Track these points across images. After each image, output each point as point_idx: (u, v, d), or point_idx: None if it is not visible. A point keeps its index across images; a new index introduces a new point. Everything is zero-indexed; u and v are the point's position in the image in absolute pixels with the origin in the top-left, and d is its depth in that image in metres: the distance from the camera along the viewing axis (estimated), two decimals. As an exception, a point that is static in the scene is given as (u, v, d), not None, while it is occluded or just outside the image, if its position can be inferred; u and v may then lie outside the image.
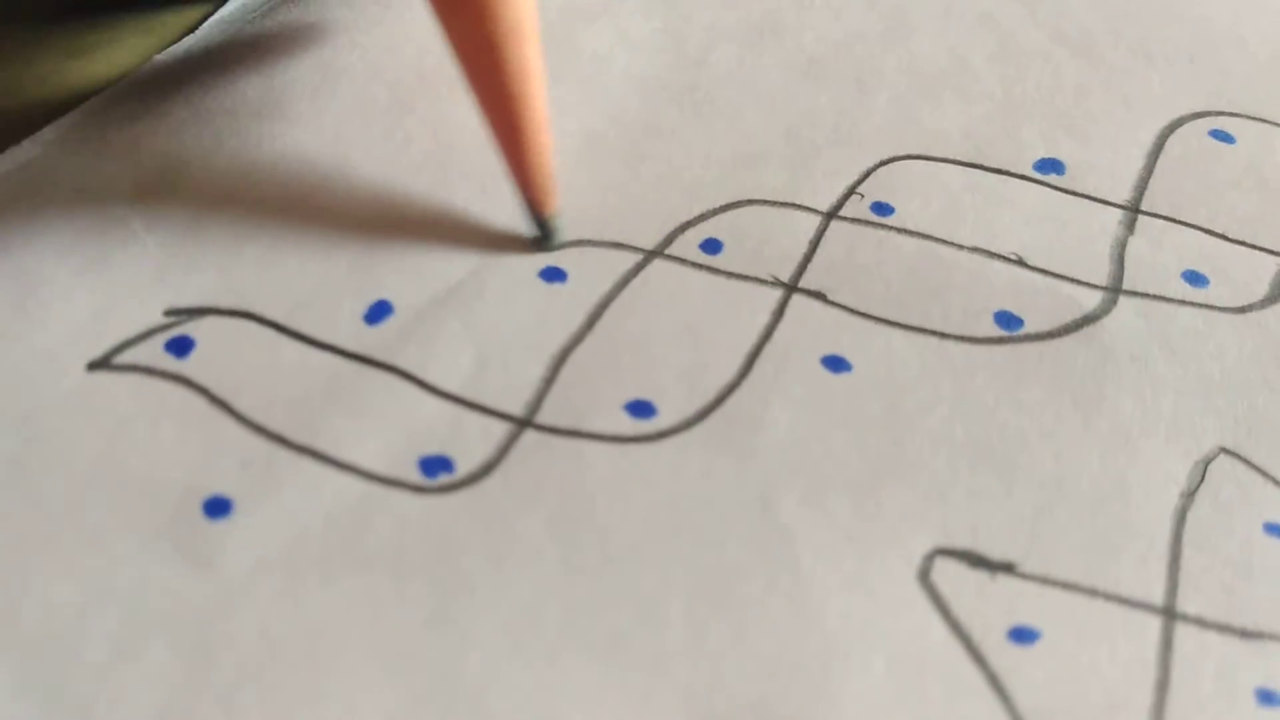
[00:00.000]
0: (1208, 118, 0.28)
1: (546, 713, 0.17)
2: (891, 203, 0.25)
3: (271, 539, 0.19)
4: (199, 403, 0.21)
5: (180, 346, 0.22)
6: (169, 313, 0.23)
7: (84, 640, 0.18)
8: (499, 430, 0.21)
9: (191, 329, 0.22)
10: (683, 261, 0.24)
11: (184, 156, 0.25)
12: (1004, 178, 0.26)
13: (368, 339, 0.22)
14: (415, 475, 0.20)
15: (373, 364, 0.22)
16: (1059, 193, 0.26)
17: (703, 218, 0.25)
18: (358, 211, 0.24)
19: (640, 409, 0.21)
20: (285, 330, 0.22)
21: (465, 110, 0.26)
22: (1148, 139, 0.27)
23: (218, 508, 0.20)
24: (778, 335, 0.22)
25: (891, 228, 0.25)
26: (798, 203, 0.25)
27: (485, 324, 0.22)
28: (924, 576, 0.19)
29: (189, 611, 0.19)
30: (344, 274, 0.23)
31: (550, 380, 0.22)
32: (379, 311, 0.23)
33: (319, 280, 0.23)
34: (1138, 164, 0.27)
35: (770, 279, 0.23)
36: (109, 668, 0.18)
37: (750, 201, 0.25)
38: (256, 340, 0.22)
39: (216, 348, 0.22)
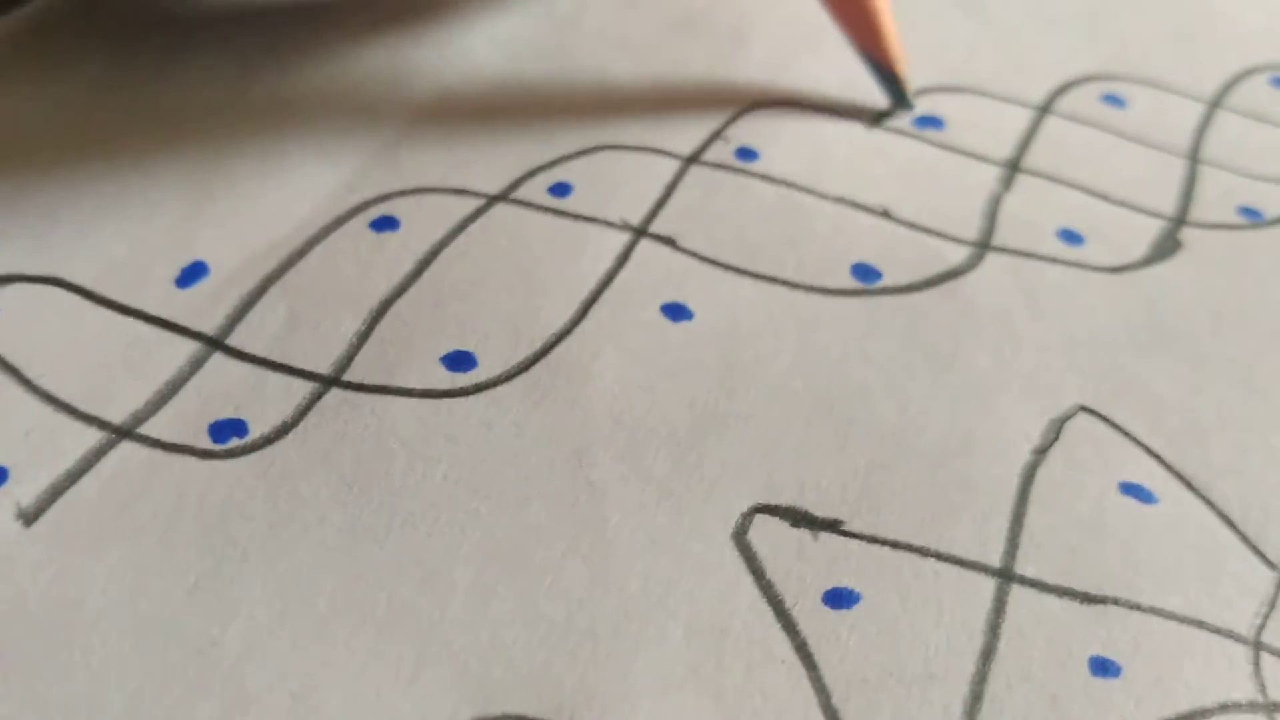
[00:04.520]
0: (1101, 81, 0.27)
1: (304, 687, 0.16)
2: (757, 149, 0.24)
3: (41, 509, 0.18)
4: (-10, 369, 0.20)
5: (-22, 313, 0.21)
6: (-31, 281, 0.21)
7: None
8: (301, 390, 0.19)
9: (-7, 296, 0.21)
10: (527, 205, 0.22)
11: (11, 120, 0.24)
12: (879, 131, 0.25)
13: (176, 303, 0.21)
14: (204, 440, 0.19)
15: (175, 329, 0.20)
16: (935, 148, 0.24)
17: (555, 162, 0.23)
18: (187, 171, 0.23)
19: (459, 361, 0.20)
20: (92, 296, 0.21)
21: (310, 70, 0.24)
22: (1036, 99, 0.26)
23: (-8, 476, 0.18)
24: (619, 281, 0.21)
25: (754, 174, 0.23)
26: (657, 147, 0.24)
27: (303, 281, 0.21)
28: (740, 536, 0.17)
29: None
30: (161, 237, 0.22)
31: (365, 335, 0.20)
32: (192, 274, 0.21)
33: (134, 244, 0.22)
34: (1022, 123, 0.25)
35: (619, 222, 0.22)
36: None
37: (607, 147, 0.24)
38: (61, 307, 0.21)
39: (17, 315, 0.21)
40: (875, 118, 0.25)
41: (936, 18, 0.28)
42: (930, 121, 0.25)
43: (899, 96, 0.25)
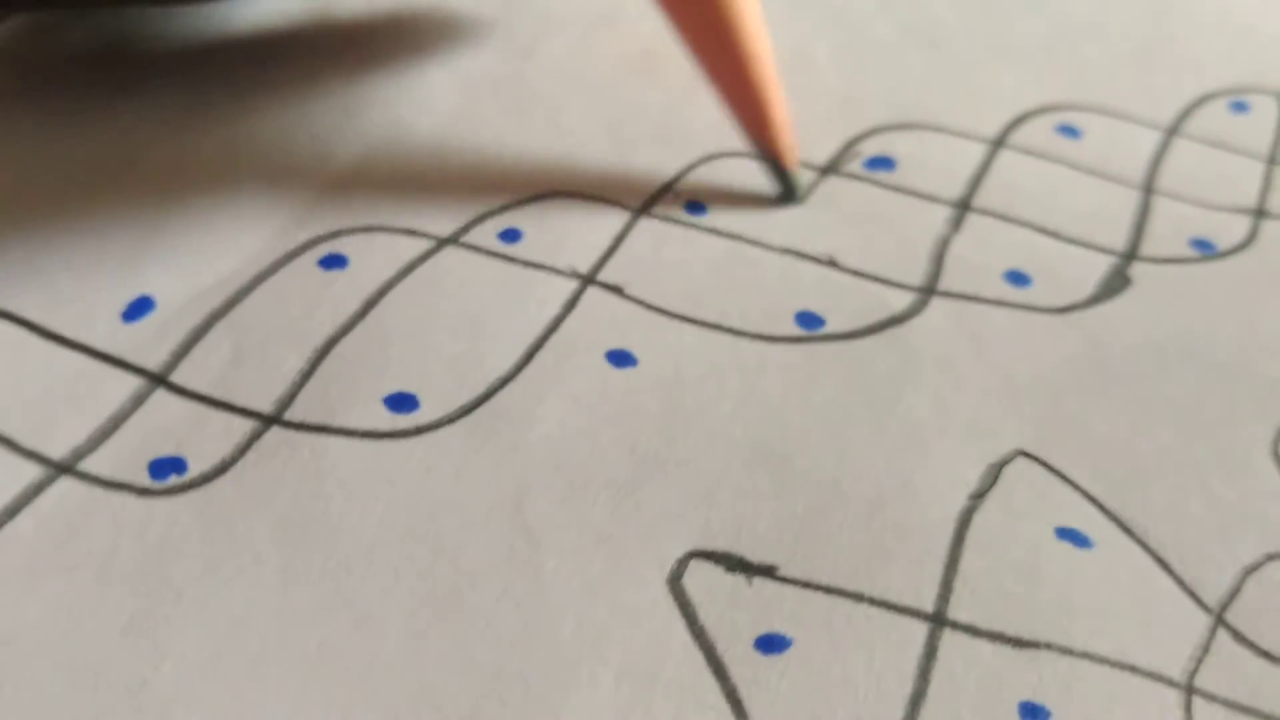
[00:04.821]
0: (1057, 112, 0.27)
1: (233, 730, 0.16)
2: (706, 202, 0.24)
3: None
4: (-71, 404, 0.20)
5: (-80, 346, 0.21)
6: (-87, 312, 0.21)
7: None
8: (242, 429, 0.19)
9: (-63, 328, 0.21)
10: (477, 249, 0.22)
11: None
12: (829, 177, 0.25)
13: (122, 337, 0.21)
14: (143, 478, 0.19)
15: (119, 364, 0.20)
16: (886, 190, 0.25)
17: (506, 208, 0.23)
18: (138, 203, 0.23)
19: (401, 402, 0.20)
20: (37, 329, 0.21)
21: (261, 106, 0.24)
22: (990, 133, 0.26)
23: (-73, 513, 0.18)
24: (565, 327, 0.21)
25: (702, 228, 0.23)
26: (609, 197, 0.24)
27: (249, 317, 0.21)
28: (675, 581, 0.17)
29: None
30: (109, 270, 0.22)
31: (309, 373, 0.20)
32: (139, 308, 0.21)
33: (83, 277, 0.22)
34: (975, 160, 0.25)
35: (568, 270, 0.22)
36: None
37: (559, 194, 0.24)
38: (5, 339, 0.21)
39: (-40, 347, 0.21)
40: (777, 200, 0.24)
41: (892, 53, 0.28)
42: (882, 163, 0.25)
43: (788, 190, 0.24)
